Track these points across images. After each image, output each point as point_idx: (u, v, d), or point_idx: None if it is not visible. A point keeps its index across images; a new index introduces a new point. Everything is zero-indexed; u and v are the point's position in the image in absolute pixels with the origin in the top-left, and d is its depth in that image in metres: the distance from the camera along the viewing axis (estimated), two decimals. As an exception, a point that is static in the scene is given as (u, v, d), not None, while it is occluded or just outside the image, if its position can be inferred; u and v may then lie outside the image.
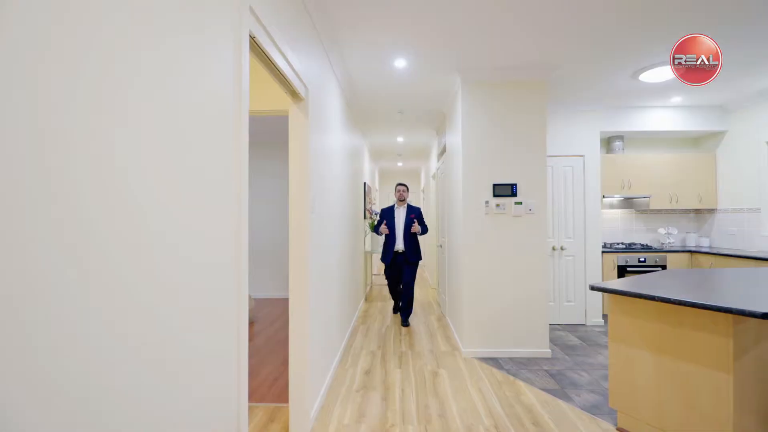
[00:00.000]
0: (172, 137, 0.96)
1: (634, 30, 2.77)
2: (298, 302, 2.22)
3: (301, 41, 2.16)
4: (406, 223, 4.44)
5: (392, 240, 4.47)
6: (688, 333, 1.94)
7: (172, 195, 0.96)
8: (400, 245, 4.45)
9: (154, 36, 0.89)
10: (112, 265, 0.77)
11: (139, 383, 0.84)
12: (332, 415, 2.43)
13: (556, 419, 2.36)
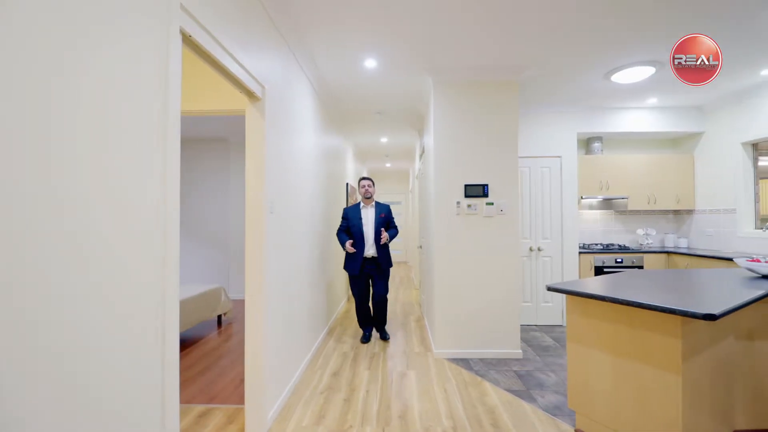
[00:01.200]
0: (76, 136, 0.95)
1: (603, 32, 2.77)
2: (252, 304, 2.21)
3: (256, 41, 2.15)
4: (376, 223, 3.81)
5: (360, 244, 3.76)
6: (641, 334, 1.94)
7: (77, 195, 0.95)
8: (371, 250, 3.79)
9: (66, 29, 0.88)
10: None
11: (43, 396, 0.82)
12: (292, 416, 2.41)
13: (516, 420, 2.35)
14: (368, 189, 3.87)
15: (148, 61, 1.25)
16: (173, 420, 1.35)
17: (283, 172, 2.60)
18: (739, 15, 2.59)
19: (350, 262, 3.80)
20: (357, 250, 3.75)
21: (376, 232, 3.78)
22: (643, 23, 2.68)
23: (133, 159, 1.17)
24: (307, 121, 3.31)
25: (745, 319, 2.19)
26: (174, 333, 1.37)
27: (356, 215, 3.84)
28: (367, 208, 3.88)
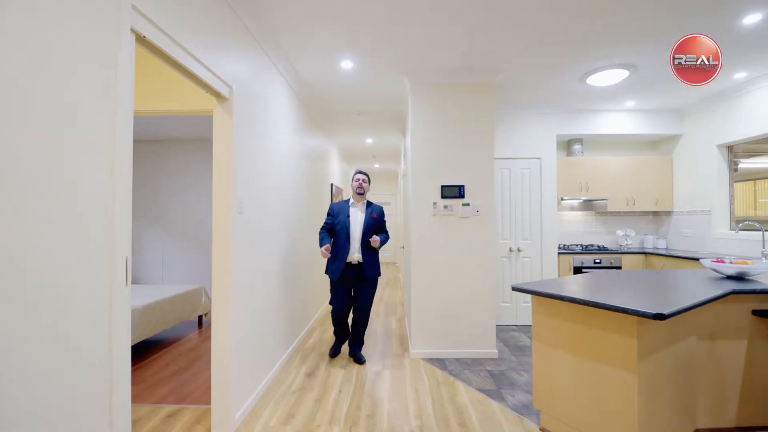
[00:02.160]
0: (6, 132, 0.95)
1: (577, 35, 2.81)
2: (219, 304, 2.21)
3: (224, 42, 2.16)
4: (366, 224, 3.28)
5: (344, 246, 3.23)
6: (600, 333, 1.96)
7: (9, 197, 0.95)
8: (356, 255, 3.25)
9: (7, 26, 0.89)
10: None
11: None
12: (261, 416, 2.41)
13: (484, 420, 2.37)
14: (362, 184, 3.34)
15: (96, 61, 1.25)
16: (121, 424, 1.36)
17: (254, 173, 2.60)
18: (711, 21, 2.63)
19: (331, 265, 3.29)
20: (340, 252, 3.24)
21: (364, 234, 3.26)
22: (617, 28, 2.71)
23: (75, 159, 1.17)
24: (283, 122, 3.31)
25: (707, 319, 2.22)
26: (123, 338, 1.37)
27: (343, 212, 3.30)
28: (357, 205, 3.35)
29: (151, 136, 4.96)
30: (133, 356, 3.47)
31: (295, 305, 3.70)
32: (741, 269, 2.36)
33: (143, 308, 3.43)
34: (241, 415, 2.36)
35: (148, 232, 5.08)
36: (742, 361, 2.25)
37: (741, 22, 2.63)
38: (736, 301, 2.23)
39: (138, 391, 2.81)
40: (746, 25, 2.65)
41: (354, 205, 3.35)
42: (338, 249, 3.27)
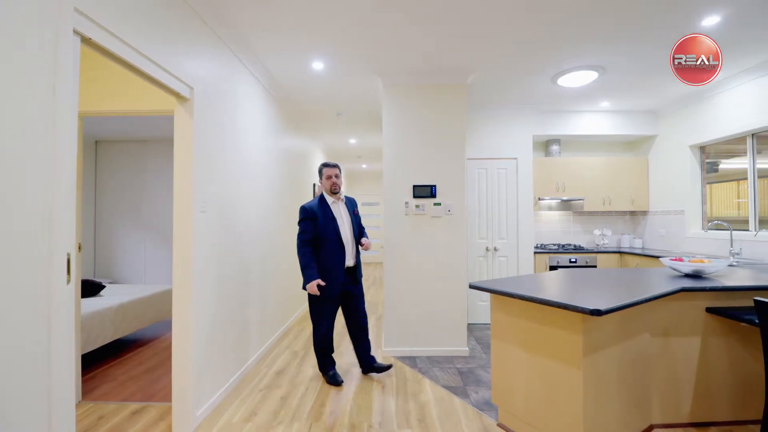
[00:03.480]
0: None
1: (546, 37, 2.85)
2: (179, 303, 2.24)
3: (183, 43, 2.18)
4: (354, 224, 2.92)
5: (338, 253, 2.76)
6: (549, 330, 2.00)
7: None
8: (351, 259, 2.85)
9: None
10: None
11: None
12: (224, 413, 2.44)
13: (443, 416, 2.40)
14: (336, 182, 2.85)
15: (37, 62, 1.28)
16: (63, 418, 1.38)
17: (220, 172, 2.62)
18: (673, 24, 2.67)
19: (326, 279, 2.72)
20: (335, 265, 2.76)
21: (355, 235, 2.91)
22: (584, 30, 2.76)
23: (10, 161, 1.20)
24: (257, 122, 3.34)
25: (661, 316, 2.26)
26: (64, 337, 1.38)
27: (327, 214, 2.79)
28: (338, 203, 2.89)
29: (134, 136, 4.97)
30: (107, 354, 3.49)
31: (271, 305, 3.72)
32: (697, 268, 2.41)
33: (118, 307, 3.45)
34: (204, 412, 2.38)
35: (132, 232, 5.08)
36: (696, 357, 2.29)
37: (700, 25, 2.67)
38: (690, 299, 2.27)
39: (108, 389, 2.83)
40: (706, 27, 2.69)
41: (335, 204, 2.87)
42: (332, 261, 2.75)
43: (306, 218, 2.76)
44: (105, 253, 5.10)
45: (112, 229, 5.05)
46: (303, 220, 2.77)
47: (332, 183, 2.86)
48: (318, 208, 2.80)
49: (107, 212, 5.03)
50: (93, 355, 3.41)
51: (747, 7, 2.47)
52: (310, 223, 2.75)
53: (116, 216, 5.04)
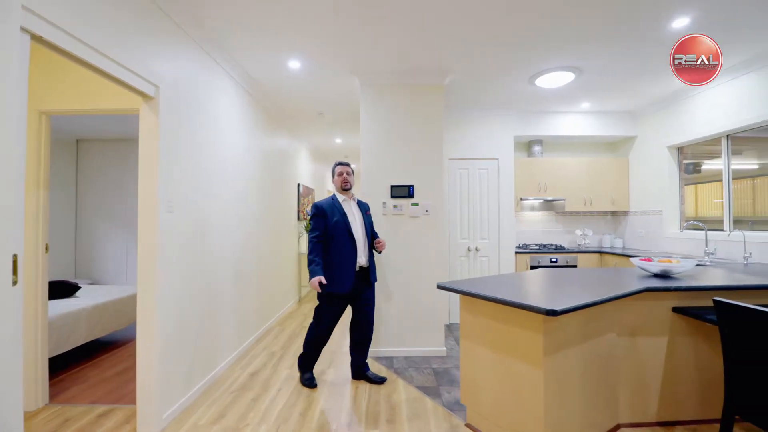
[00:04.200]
0: None
1: (523, 38, 2.86)
2: (144, 304, 2.22)
3: (149, 41, 2.16)
4: (366, 224, 2.87)
5: (350, 253, 2.72)
6: (513, 330, 2.00)
7: None
8: (363, 258, 2.79)
9: None
10: None
11: None
12: (192, 416, 2.42)
13: (413, 416, 2.40)
14: (347, 178, 2.85)
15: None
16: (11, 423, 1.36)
17: (190, 171, 2.60)
18: (645, 26, 2.69)
19: (337, 276, 2.68)
20: (346, 262, 2.71)
21: (367, 234, 2.85)
22: (560, 32, 2.78)
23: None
24: (233, 121, 3.32)
25: (628, 316, 2.27)
26: (9, 340, 1.36)
27: (338, 211, 2.76)
28: (349, 202, 2.87)
29: (116, 134, 4.91)
30: (81, 356, 3.45)
31: (250, 306, 3.70)
32: (664, 268, 2.42)
33: (92, 308, 3.41)
34: (171, 414, 2.36)
35: (114, 232, 5.03)
36: (662, 357, 2.31)
37: (670, 27, 2.69)
38: (656, 299, 2.28)
39: (77, 391, 2.80)
40: (676, 29, 2.71)
41: (346, 202, 2.85)
42: (342, 257, 2.71)
43: (316, 215, 2.76)
44: (86, 254, 5.04)
45: (94, 230, 4.99)
46: (314, 216, 2.77)
47: (343, 179, 2.85)
48: (329, 205, 2.79)
49: (88, 212, 4.97)
50: (66, 357, 3.36)
51: (715, 10, 2.49)
52: (320, 219, 2.74)
53: (98, 216, 4.98)
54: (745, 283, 2.26)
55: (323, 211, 2.74)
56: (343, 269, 2.71)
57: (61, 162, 4.78)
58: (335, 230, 2.73)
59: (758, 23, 2.65)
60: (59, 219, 4.70)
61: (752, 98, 3.23)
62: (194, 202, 2.66)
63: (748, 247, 3.24)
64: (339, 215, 2.76)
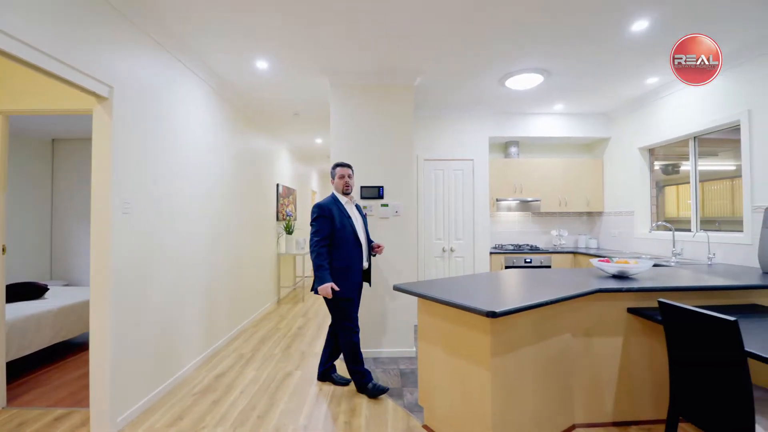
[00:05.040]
0: None
1: (490, 40, 2.88)
2: (96, 307, 2.19)
3: (101, 41, 2.14)
4: (366, 226, 2.91)
5: (355, 252, 2.69)
6: (464, 332, 2.00)
7: None
8: (366, 260, 2.79)
9: None
10: None
11: None
12: (150, 419, 2.40)
13: (372, 418, 2.40)
14: (348, 181, 2.78)
15: None
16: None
17: (150, 172, 2.58)
18: (606, 30, 2.72)
19: (343, 280, 2.62)
20: (354, 263, 2.68)
21: (368, 237, 2.88)
22: (525, 35, 2.79)
23: None
24: (201, 121, 3.30)
25: (583, 317, 2.28)
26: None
27: (343, 214, 2.71)
28: (350, 204, 2.82)
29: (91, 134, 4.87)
30: (48, 358, 3.41)
31: (221, 308, 3.68)
32: (621, 268, 2.44)
33: (58, 310, 3.38)
34: (127, 417, 2.34)
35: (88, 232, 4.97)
36: (618, 358, 2.33)
37: (630, 30, 2.71)
38: (611, 299, 2.30)
39: (38, 394, 2.77)
40: (636, 32, 2.73)
41: (347, 204, 2.79)
42: (350, 260, 2.67)
43: (321, 216, 2.63)
44: (61, 254, 4.98)
45: (70, 230, 4.94)
46: (318, 218, 2.63)
47: (345, 183, 2.77)
48: (333, 206, 2.70)
49: (64, 212, 4.92)
50: (32, 360, 3.33)
51: (673, 13, 2.51)
52: (326, 221, 2.62)
53: (74, 216, 4.92)
54: (695, 284, 2.29)
55: (329, 212, 2.65)
56: (351, 272, 2.66)
57: (36, 161, 4.73)
58: (343, 233, 2.65)
59: (719, 27, 2.67)
60: (34, 219, 4.66)
61: (717, 100, 3.27)
62: (155, 202, 2.64)
63: (712, 248, 3.27)
64: (345, 218, 2.69)
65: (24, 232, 4.49)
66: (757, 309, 2.26)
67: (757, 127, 2.96)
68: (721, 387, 1.54)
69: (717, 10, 2.50)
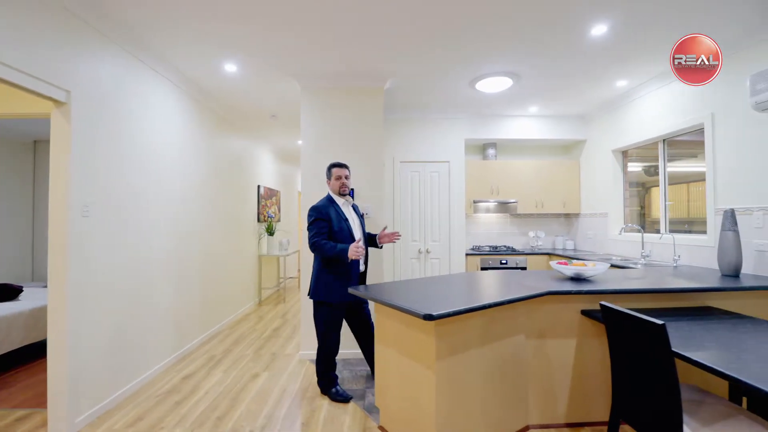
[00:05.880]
0: None
1: (460, 44, 2.89)
2: (54, 308, 2.22)
3: (57, 46, 2.16)
4: (363, 227, 2.85)
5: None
6: (413, 334, 2.03)
7: None
8: (363, 262, 2.77)
9: None
10: None
11: None
12: (110, 420, 2.42)
13: (330, 419, 2.42)
14: (345, 183, 2.73)
15: None
16: None
17: (112, 174, 2.60)
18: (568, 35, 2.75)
19: (340, 284, 2.59)
20: (352, 266, 2.62)
21: (365, 239, 2.80)
22: (490, 39, 2.82)
23: None
24: (171, 124, 3.32)
25: (536, 318, 2.31)
26: None
27: (340, 215, 2.68)
28: (347, 205, 2.79)
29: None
30: (20, 360, 3.43)
31: (192, 310, 3.70)
32: (577, 271, 2.47)
33: (30, 312, 3.39)
34: (87, 418, 2.36)
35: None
36: (571, 359, 2.35)
37: (590, 34, 2.74)
38: (566, 302, 2.33)
39: (4, 395, 2.79)
40: (595, 36, 2.76)
41: (344, 205, 2.76)
42: (348, 264, 2.59)
43: (319, 218, 2.60)
44: (44, 256, 4.99)
45: (49, 232, 4.94)
46: (316, 221, 2.60)
47: (341, 184, 2.72)
48: (329, 207, 2.67)
49: (46, 213, 4.92)
50: (1, 361, 3.34)
51: (629, 18, 2.54)
52: (323, 223, 2.60)
53: (53, 218, 4.93)
54: (645, 287, 2.31)
55: (327, 214, 2.63)
56: (347, 276, 2.61)
57: (18, 163, 4.75)
58: (340, 235, 2.62)
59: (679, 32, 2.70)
60: (16, 220, 4.67)
61: (684, 103, 3.30)
62: (119, 204, 2.66)
63: (679, 250, 3.31)
64: (342, 220, 2.66)
65: (5, 234, 4.50)
66: (710, 311, 2.28)
67: (719, 130, 2.99)
68: (653, 389, 1.57)
69: (673, 16, 2.53)
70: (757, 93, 2.59)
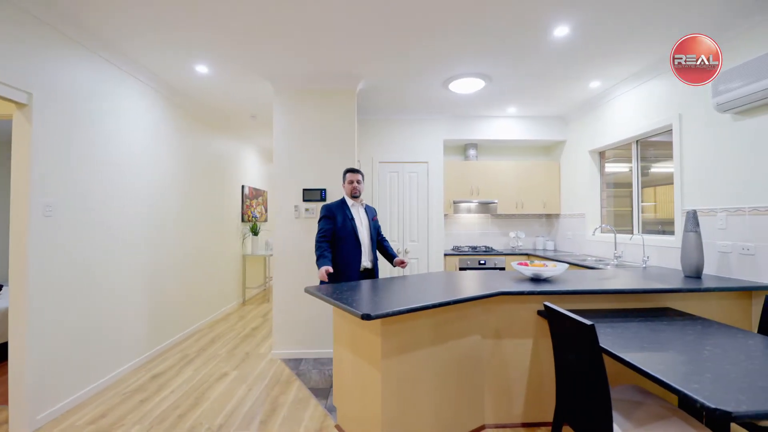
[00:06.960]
0: None
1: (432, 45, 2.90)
2: (15, 307, 2.25)
3: (18, 49, 2.20)
4: (372, 228, 2.99)
5: (352, 251, 2.84)
6: (363, 333, 2.05)
7: None
8: (367, 260, 2.91)
9: None
10: None
11: None
12: (73, 417, 2.45)
13: (289, 417, 2.45)
14: (357, 186, 2.94)
15: None
16: None
17: (78, 175, 2.63)
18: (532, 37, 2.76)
19: (343, 275, 2.80)
20: (351, 263, 2.83)
21: (372, 238, 2.97)
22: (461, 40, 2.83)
23: None
24: (143, 125, 3.35)
25: (491, 318, 2.32)
26: None
27: (345, 213, 2.89)
28: (357, 206, 2.99)
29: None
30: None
31: (167, 310, 3.72)
32: (535, 271, 2.48)
33: (4, 311, 3.44)
34: (49, 415, 2.39)
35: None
36: (528, 359, 2.37)
37: (553, 35, 2.75)
38: (522, 302, 2.34)
39: (-25, 393, 2.83)
40: (558, 37, 2.77)
41: (354, 206, 2.97)
42: (348, 258, 2.82)
43: (325, 216, 2.88)
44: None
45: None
46: (322, 218, 2.89)
47: (353, 187, 2.97)
48: (337, 207, 2.93)
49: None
50: (-22, 359, 3.39)
51: (590, 19, 2.55)
52: (329, 221, 2.86)
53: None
54: (598, 288, 2.32)
55: (333, 212, 2.89)
56: (347, 269, 2.83)
57: (-3, 163, 4.80)
58: (343, 232, 2.85)
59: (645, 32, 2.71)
60: (-5, 220, 4.72)
61: (654, 104, 3.30)
62: (85, 204, 2.69)
63: (648, 251, 3.31)
64: (347, 219, 2.89)
65: (-14, 233, 4.55)
66: (666, 312, 2.29)
67: (686, 130, 3.00)
68: (585, 389, 1.58)
69: (634, 16, 2.54)
70: (719, 94, 2.60)
